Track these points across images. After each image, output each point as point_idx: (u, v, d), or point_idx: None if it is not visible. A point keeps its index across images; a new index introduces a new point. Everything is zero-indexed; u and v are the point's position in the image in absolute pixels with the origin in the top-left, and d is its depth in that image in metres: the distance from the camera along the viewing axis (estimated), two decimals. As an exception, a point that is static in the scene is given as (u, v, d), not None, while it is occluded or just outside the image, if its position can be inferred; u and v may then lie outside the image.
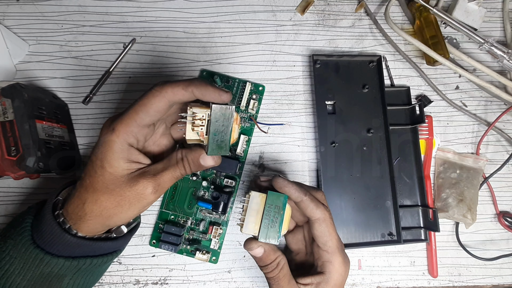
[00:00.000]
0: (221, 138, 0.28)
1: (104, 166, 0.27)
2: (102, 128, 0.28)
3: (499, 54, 0.41)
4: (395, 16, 0.46)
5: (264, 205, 0.29)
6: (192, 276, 0.40)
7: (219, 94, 0.27)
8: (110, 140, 0.27)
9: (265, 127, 0.42)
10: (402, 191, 0.43)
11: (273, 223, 0.29)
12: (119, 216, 0.28)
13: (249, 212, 0.30)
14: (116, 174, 0.27)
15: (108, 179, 0.27)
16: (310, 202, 0.30)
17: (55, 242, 0.28)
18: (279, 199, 0.30)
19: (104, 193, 0.27)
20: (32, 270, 0.28)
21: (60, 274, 0.29)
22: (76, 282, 0.30)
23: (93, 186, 0.27)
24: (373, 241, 0.41)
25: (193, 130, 0.28)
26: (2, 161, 0.33)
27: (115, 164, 0.27)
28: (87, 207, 0.28)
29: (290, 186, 0.30)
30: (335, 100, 0.43)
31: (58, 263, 0.28)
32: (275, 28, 0.44)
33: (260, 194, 0.30)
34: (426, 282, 0.42)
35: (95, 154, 0.28)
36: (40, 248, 0.28)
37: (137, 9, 0.42)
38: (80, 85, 0.41)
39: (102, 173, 0.27)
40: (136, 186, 0.28)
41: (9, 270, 0.28)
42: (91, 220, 0.28)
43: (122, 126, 0.27)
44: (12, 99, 0.33)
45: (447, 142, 0.45)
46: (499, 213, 0.44)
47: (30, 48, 0.41)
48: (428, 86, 0.45)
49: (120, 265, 0.39)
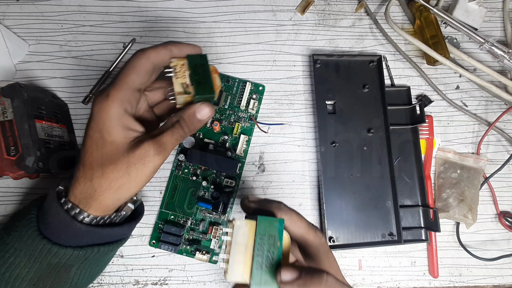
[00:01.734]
0: (204, 81, 0.29)
1: (103, 137, 0.27)
2: (93, 101, 0.27)
3: (500, 54, 0.41)
4: (395, 16, 0.46)
5: (255, 237, 0.23)
6: (192, 277, 0.39)
7: (193, 47, 0.30)
8: (106, 107, 0.26)
9: (265, 127, 0.42)
10: (402, 191, 0.43)
11: (269, 260, 0.22)
12: (128, 185, 0.28)
13: (235, 249, 0.22)
14: (117, 143, 0.27)
15: (110, 150, 0.27)
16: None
17: (62, 232, 0.28)
18: (273, 225, 0.23)
19: (110, 165, 0.27)
20: (39, 261, 0.27)
21: (67, 264, 0.28)
22: (83, 271, 0.30)
23: (97, 161, 0.27)
24: (373, 241, 0.41)
25: (177, 80, 0.29)
26: (1, 161, 0.33)
27: (114, 133, 0.27)
28: (95, 183, 0.27)
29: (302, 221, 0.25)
30: (335, 100, 0.43)
31: (67, 253, 0.28)
32: (275, 28, 0.44)
33: (247, 222, 0.23)
34: (426, 283, 0.42)
35: (91, 128, 0.27)
36: (47, 238, 0.27)
37: (137, 9, 0.42)
38: (80, 85, 0.41)
39: (102, 145, 0.27)
40: (139, 150, 0.27)
41: (14, 262, 0.27)
42: (102, 195, 0.27)
43: (116, 91, 0.27)
44: (11, 98, 0.33)
45: (447, 142, 0.45)
46: (499, 213, 0.44)
47: (30, 48, 0.41)
48: (428, 86, 0.45)
49: (120, 266, 0.39)
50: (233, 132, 0.41)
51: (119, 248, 0.34)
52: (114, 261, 0.39)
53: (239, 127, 0.41)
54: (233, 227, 0.23)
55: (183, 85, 0.29)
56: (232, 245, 0.23)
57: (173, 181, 0.40)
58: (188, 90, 0.29)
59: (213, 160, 0.39)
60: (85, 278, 0.31)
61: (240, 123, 0.41)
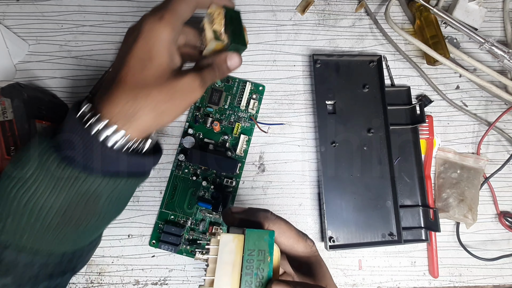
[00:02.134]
0: (238, 32, 0.30)
1: (152, 57, 0.26)
2: (144, 19, 0.26)
3: (500, 54, 0.41)
4: (395, 16, 0.46)
5: (243, 253, 0.20)
6: (192, 277, 0.39)
7: (230, 1, 0.31)
8: (158, 29, 0.25)
9: (265, 127, 0.42)
10: (402, 191, 0.43)
11: (258, 279, 0.19)
12: (170, 111, 0.27)
13: (221, 269, 0.19)
14: (164, 67, 0.26)
15: (156, 73, 0.26)
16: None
17: (90, 157, 0.25)
18: (263, 238, 0.20)
19: (156, 87, 0.26)
20: (67, 189, 0.25)
21: (96, 194, 0.26)
22: (111, 204, 0.28)
23: (142, 81, 0.25)
24: (373, 241, 0.40)
25: (212, 26, 0.29)
26: (1, 161, 0.33)
27: (162, 57, 0.26)
28: (139, 103, 0.25)
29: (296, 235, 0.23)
30: (335, 100, 0.43)
31: (96, 180, 0.25)
32: (275, 28, 0.44)
33: (234, 237, 0.20)
34: (427, 283, 0.42)
35: (139, 47, 0.26)
36: (73, 165, 0.25)
37: (137, 9, 0.42)
38: (80, 85, 0.41)
39: (150, 66, 0.26)
40: (185, 79, 0.27)
41: (37, 191, 0.24)
42: (143, 117, 0.26)
43: (170, 15, 0.26)
44: (11, 98, 0.33)
45: (447, 142, 0.45)
46: (499, 213, 0.44)
47: (30, 48, 0.41)
48: (428, 86, 0.45)
49: (120, 266, 0.39)
50: (233, 132, 0.41)
51: (141, 184, 0.32)
52: (114, 261, 0.39)
53: (239, 127, 0.41)
54: (218, 243, 0.20)
55: (215, 32, 0.29)
56: (218, 263, 0.20)
57: (173, 181, 0.40)
58: (221, 38, 0.30)
59: (213, 160, 0.39)
60: (111, 212, 0.29)
61: (240, 123, 0.41)
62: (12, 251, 0.25)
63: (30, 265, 0.26)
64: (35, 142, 0.26)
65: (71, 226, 0.26)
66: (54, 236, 0.26)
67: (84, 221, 0.26)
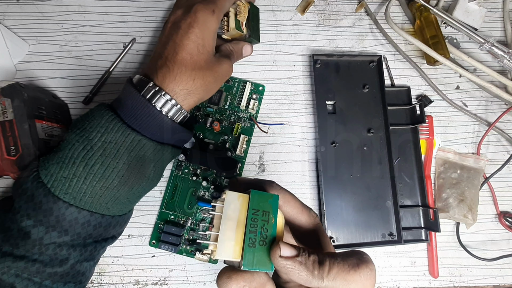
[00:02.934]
0: (257, 28, 0.39)
1: (205, 45, 0.31)
2: (198, 8, 0.31)
3: (500, 54, 0.41)
4: (395, 16, 0.46)
5: (247, 212, 0.20)
6: (192, 277, 0.39)
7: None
8: (210, 21, 0.31)
9: (265, 127, 0.42)
10: (402, 191, 0.43)
11: (262, 238, 0.20)
12: (213, 90, 0.34)
13: (225, 224, 0.20)
14: (211, 54, 0.32)
15: (207, 58, 0.31)
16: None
17: (149, 125, 0.29)
18: (267, 200, 0.21)
19: (208, 70, 0.32)
20: (129, 153, 0.29)
21: (150, 159, 0.30)
22: (156, 171, 0.32)
23: (198, 64, 0.31)
24: (373, 242, 0.41)
25: (237, 17, 0.35)
26: (1, 161, 0.33)
27: (211, 44, 0.32)
28: (197, 83, 0.31)
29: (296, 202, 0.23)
30: (335, 100, 0.43)
31: (152, 147, 0.30)
32: (275, 28, 0.44)
33: (239, 195, 0.21)
34: (426, 283, 0.42)
35: (195, 33, 0.30)
36: (136, 131, 0.29)
37: (137, 9, 0.42)
38: (80, 85, 0.41)
39: (203, 51, 0.31)
40: (224, 64, 0.34)
41: (103, 154, 0.28)
42: (198, 94, 0.31)
43: (219, 10, 0.32)
44: (11, 98, 0.33)
45: (447, 142, 0.45)
46: (499, 213, 0.44)
47: (30, 48, 0.41)
48: (428, 86, 0.45)
49: (120, 266, 0.39)
50: (233, 132, 0.41)
51: (175, 157, 0.36)
52: (114, 261, 0.39)
53: (239, 127, 0.41)
54: (223, 201, 0.20)
55: (238, 22, 0.36)
56: (222, 219, 0.20)
57: (173, 181, 0.40)
58: (241, 28, 0.36)
59: (213, 160, 0.39)
60: (155, 179, 0.32)
61: (240, 123, 0.41)
62: (74, 210, 0.28)
63: (86, 224, 0.28)
64: (98, 114, 0.29)
65: (127, 187, 0.29)
66: (111, 197, 0.29)
67: (136, 184, 0.30)
